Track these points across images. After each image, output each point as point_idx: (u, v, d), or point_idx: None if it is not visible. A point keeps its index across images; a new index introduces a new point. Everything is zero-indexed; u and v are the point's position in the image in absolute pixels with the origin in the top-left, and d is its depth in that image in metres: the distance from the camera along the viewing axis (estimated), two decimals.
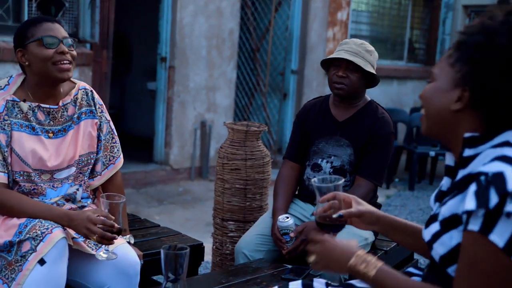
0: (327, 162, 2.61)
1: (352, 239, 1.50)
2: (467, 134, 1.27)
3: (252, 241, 2.52)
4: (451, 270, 1.26)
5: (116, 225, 1.90)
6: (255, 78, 7.12)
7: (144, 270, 2.14)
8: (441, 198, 1.34)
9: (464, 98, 1.27)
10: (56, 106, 2.14)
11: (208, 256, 3.29)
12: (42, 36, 2.06)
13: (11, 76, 2.15)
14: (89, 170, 2.23)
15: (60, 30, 2.10)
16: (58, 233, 1.88)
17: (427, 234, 1.32)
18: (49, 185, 2.11)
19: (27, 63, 2.08)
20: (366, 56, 2.55)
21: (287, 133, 7.26)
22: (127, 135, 7.14)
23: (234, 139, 3.02)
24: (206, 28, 6.22)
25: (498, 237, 1.14)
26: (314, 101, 2.77)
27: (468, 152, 1.27)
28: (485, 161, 1.21)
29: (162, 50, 6.05)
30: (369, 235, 2.51)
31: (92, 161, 2.23)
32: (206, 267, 3.60)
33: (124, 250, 2.08)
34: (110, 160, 2.29)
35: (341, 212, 1.60)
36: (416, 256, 2.98)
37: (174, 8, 5.95)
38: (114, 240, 1.96)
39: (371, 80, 2.61)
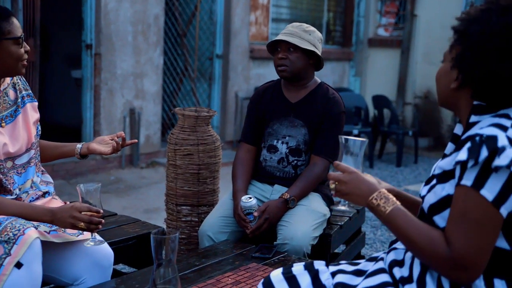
0: (282, 143, 2.70)
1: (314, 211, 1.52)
2: (476, 102, 1.42)
3: (215, 223, 2.58)
4: (437, 218, 1.41)
5: (100, 210, 1.91)
6: (183, 63, 7.09)
7: None
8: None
9: (459, 78, 1.42)
10: None
11: None
12: (21, 35, 2.00)
13: None
14: (39, 152, 2.21)
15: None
16: (31, 233, 1.84)
17: (424, 189, 1.47)
18: (14, 172, 2.07)
19: None
20: (304, 35, 2.66)
21: (215, 117, 7.30)
22: (51, 125, 6.91)
23: (184, 125, 3.04)
24: (131, 14, 6.11)
25: (488, 192, 1.29)
26: (267, 85, 2.85)
27: (473, 118, 1.41)
28: (483, 126, 1.36)
29: (86, 37, 5.89)
30: (326, 211, 2.63)
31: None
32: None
33: None
34: None
35: None
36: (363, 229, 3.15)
37: None
38: (85, 233, 1.98)
39: (317, 61, 2.73)
